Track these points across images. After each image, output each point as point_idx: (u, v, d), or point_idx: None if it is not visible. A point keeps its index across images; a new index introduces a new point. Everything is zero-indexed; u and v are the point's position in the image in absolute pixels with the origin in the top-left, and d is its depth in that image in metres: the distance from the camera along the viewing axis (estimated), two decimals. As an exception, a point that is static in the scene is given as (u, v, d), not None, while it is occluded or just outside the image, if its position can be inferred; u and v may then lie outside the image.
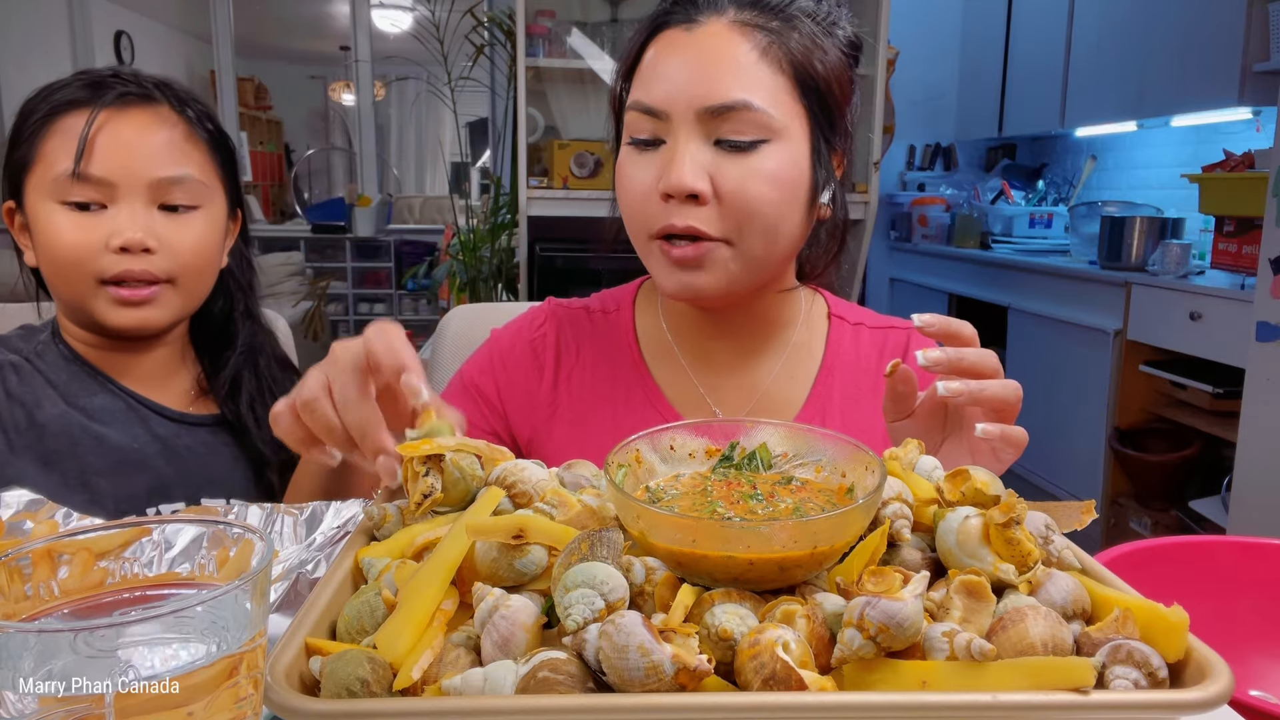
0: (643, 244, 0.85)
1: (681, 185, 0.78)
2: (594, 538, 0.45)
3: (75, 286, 0.92)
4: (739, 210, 0.79)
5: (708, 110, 0.78)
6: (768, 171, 0.79)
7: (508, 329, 1.00)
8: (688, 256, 0.80)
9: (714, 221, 0.80)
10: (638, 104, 0.82)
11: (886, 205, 4.78)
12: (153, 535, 0.42)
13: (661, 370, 0.95)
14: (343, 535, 0.67)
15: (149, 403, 1.00)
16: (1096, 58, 3.55)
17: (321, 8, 6.82)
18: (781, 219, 0.82)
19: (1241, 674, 0.72)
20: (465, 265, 3.10)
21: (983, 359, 0.68)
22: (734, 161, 0.79)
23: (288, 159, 7.95)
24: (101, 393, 0.97)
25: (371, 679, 0.40)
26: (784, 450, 0.59)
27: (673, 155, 0.79)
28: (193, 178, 0.95)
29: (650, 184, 0.81)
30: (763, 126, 0.79)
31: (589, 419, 0.93)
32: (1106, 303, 3.04)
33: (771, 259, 0.84)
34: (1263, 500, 2.24)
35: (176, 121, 0.96)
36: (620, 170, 0.85)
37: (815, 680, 0.40)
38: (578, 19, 2.84)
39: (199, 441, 1.01)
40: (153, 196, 0.93)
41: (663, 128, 0.81)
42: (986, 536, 0.48)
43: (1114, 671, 0.41)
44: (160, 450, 0.98)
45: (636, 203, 0.83)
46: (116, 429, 0.96)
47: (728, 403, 0.93)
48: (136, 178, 0.92)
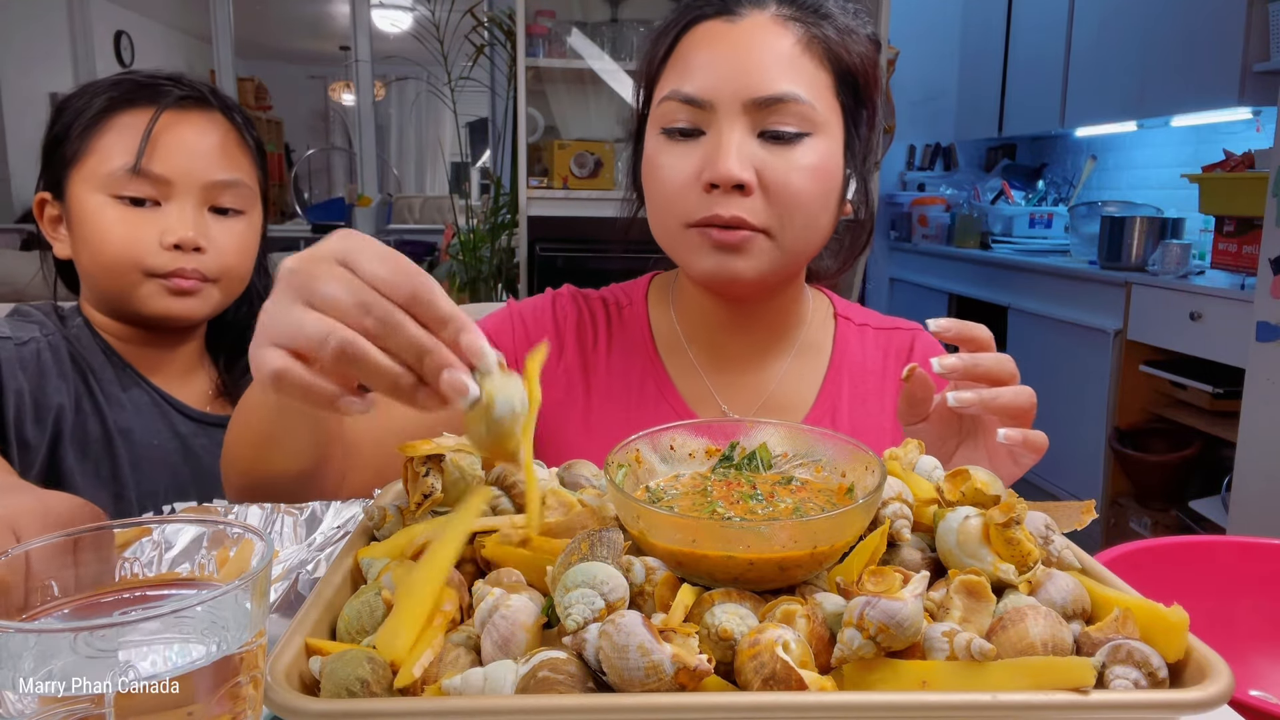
0: (675, 232, 0.84)
1: (730, 175, 0.78)
2: (594, 538, 0.45)
3: (120, 279, 0.94)
4: (782, 202, 0.80)
5: (754, 102, 0.79)
6: (810, 164, 0.80)
7: (527, 302, 0.99)
8: (731, 241, 0.80)
9: (758, 212, 0.80)
10: (678, 93, 0.82)
11: (886, 205, 4.78)
12: (153, 535, 0.42)
13: (674, 366, 0.95)
14: (343, 535, 0.67)
15: (173, 400, 1.01)
16: (1096, 58, 3.55)
17: (321, 8, 6.81)
18: (820, 212, 0.83)
19: (1241, 674, 0.72)
20: (465, 265, 3.10)
21: (999, 364, 0.67)
22: (778, 153, 0.80)
23: (288, 159, 7.95)
24: (133, 387, 0.99)
25: (371, 679, 0.40)
26: (784, 450, 0.59)
27: (718, 146, 0.80)
28: (243, 183, 0.99)
29: (690, 173, 0.81)
30: (806, 120, 0.80)
31: (604, 408, 0.93)
32: (1106, 303, 3.04)
33: (806, 252, 0.86)
34: (1263, 500, 2.24)
35: (229, 128, 0.99)
36: (652, 159, 0.84)
37: (815, 680, 0.40)
38: (578, 19, 2.84)
39: (214, 442, 1.01)
40: (205, 198, 0.97)
41: (705, 118, 0.81)
42: (986, 536, 0.48)
43: (1114, 671, 0.41)
44: (179, 448, 0.99)
45: (674, 192, 0.82)
46: (142, 424, 0.97)
47: (737, 400, 0.94)
48: (193, 178, 0.95)
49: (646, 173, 0.86)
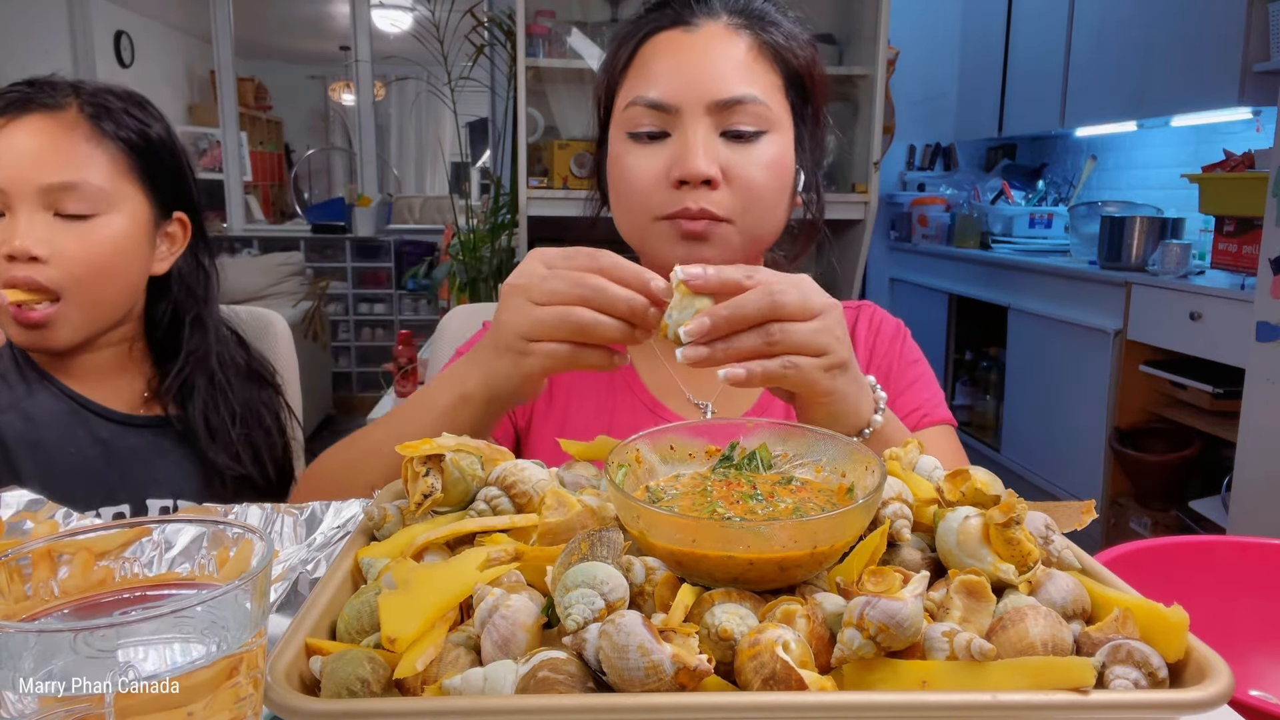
0: (644, 226, 0.89)
1: (699, 172, 0.84)
2: (594, 538, 0.45)
3: None
4: (745, 193, 0.87)
5: (717, 103, 0.86)
6: (768, 159, 0.87)
7: None
8: (698, 230, 0.86)
9: (723, 204, 0.86)
10: (643, 99, 0.87)
11: (886, 205, 4.77)
12: (153, 535, 0.42)
13: (639, 356, 0.99)
14: (343, 535, 0.67)
15: (91, 404, 0.98)
16: (1096, 58, 3.55)
17: (321, 8, 6.81)
18: (776, 203, 0.90)
19: (1241, 674, 0.72)
20: (465, 265, 3.10)
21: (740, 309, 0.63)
22: (739, 150, 0.87)
23: (288, 159, 7.95)
24: (42, 393, 0.95)
25: (371, 679, 0.40)
26: (784, 450, 0.59)
27: (685, 145, 0.85)
28: (88, 183, 0.92)
29: (658, 172, 0.87)
30: (763, 119, 0.87)
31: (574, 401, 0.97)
32: (1106, 303, 3.04)
33: (765, 239, 0.92)
34: (1263, 500, 2.24)
35: (77, 125, 0.93)
36: (619, 161, 0.90)
37: (815, 680, 0.40)
38: (578, 19, 2.84)
39: (144, 442, 1.00)
40: (46, 203, 0.91)
41: (669, 120, 0.87)
42: (986, 536, 0.48)
43: (1114, 671, 0.41)
44: (101, 453, 0.96)
45: (642, 190, 0.88)
46: (55, 433, 0.94)
47: (702, 387, 0.97)
48: (26, 184, 0.90)
49: (614, 173, 0.92)
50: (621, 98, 0.90)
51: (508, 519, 0.53)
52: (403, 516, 0.57)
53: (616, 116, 0.91)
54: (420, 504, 0.54)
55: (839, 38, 2.93)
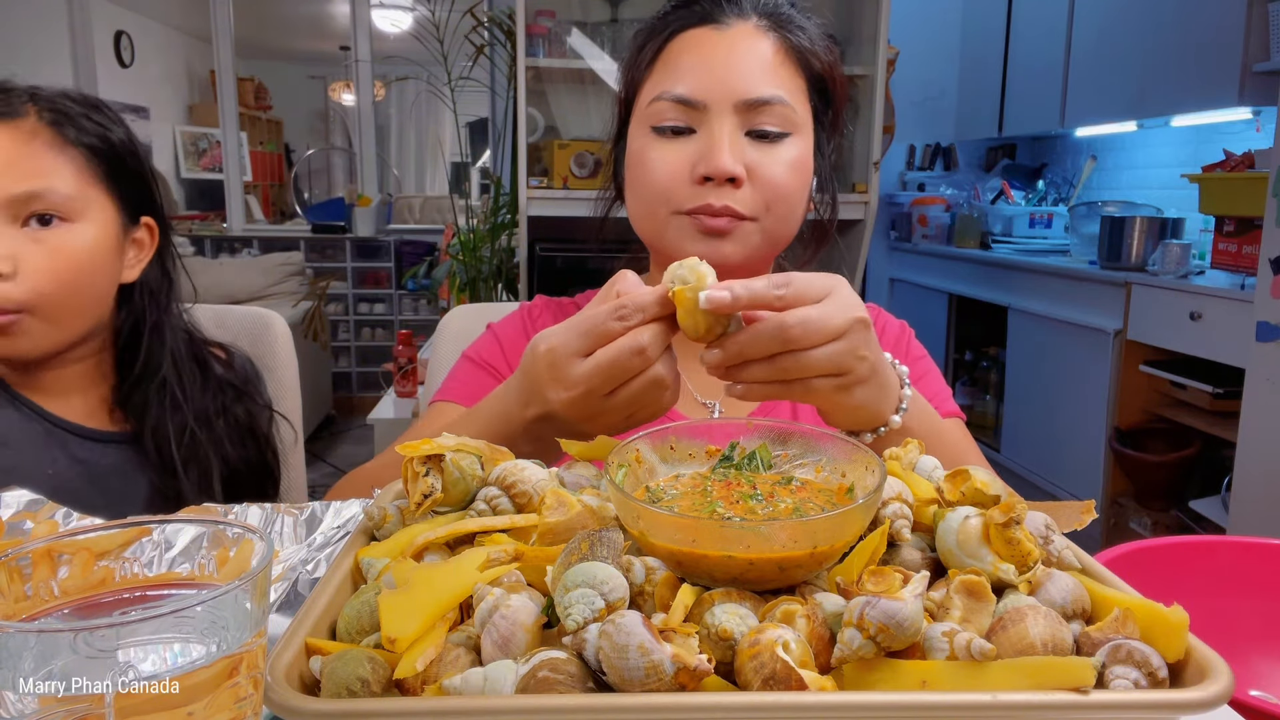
0: (663, 220, 0.89)
1: (726, 169, 0.85)
2: (594, 538, 0.45)
3: None
4: (768, 193, 0.88)
5: (744, 103, 0.87)
6: (791, 160, 0.89)
7: (504, 321, 1.04)
8: (719, 227, 0.87)
9: (746, 202, 0.87)
10: (669, 94, 0.88)
11: (886, 205, 4.77)
12: (153, 535, 0.42)
13: None
14: (343, 535, 0.67)
15: (67, 424, 0.95)
16: (1096, 58, 3.55)
17: (321, 8, 6.81)
18: (797, 204, 0.91)
19: (1241, 674, 0.72)
20: (465, 265, 3.10)
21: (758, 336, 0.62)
22: (764, 150, 0.88)
23: (288, 159, 7.95)
24: (14, 414, 0.92)
25: (371, 679, 0.40)
26: (784, 450, 0.59)
27: (712, 142, 0.86)
28: (57, 191, 0.89)
29: (682, 167, 0.87)
30: (788, 120, 0.88)
31: None
32: (1106, 303, 3.04)
33: (784, 238, 0.93)
34: (1263, 500, 2.24)
35: (37, 132, 0.90)
36: (641, 154, 0.90)
37: (815, 680, 0.40)
38: (578, 19, 2.85)
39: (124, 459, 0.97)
40: (11, 216, 0.88)
41: (696, 117, 0.88)
42: (986, 536, 0.48)
43: (1114, 671, 0.41)
44: (81, 474, 0.93)
45: (664, 184, 0.88)
46: (31, 456, 0.91)
47: (707, 385, 0.97)
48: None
49: (633, 167, 0.92)
50: (646, 93, 0.91)
51: (508, 519, 0.53)
52: (403, 516, 0.57)
53: (639, 111, 0.91)
54: (420, 504, 0.54)
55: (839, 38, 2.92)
